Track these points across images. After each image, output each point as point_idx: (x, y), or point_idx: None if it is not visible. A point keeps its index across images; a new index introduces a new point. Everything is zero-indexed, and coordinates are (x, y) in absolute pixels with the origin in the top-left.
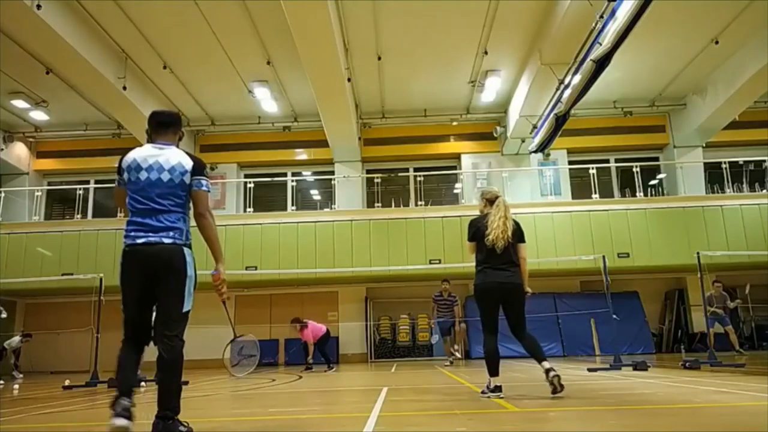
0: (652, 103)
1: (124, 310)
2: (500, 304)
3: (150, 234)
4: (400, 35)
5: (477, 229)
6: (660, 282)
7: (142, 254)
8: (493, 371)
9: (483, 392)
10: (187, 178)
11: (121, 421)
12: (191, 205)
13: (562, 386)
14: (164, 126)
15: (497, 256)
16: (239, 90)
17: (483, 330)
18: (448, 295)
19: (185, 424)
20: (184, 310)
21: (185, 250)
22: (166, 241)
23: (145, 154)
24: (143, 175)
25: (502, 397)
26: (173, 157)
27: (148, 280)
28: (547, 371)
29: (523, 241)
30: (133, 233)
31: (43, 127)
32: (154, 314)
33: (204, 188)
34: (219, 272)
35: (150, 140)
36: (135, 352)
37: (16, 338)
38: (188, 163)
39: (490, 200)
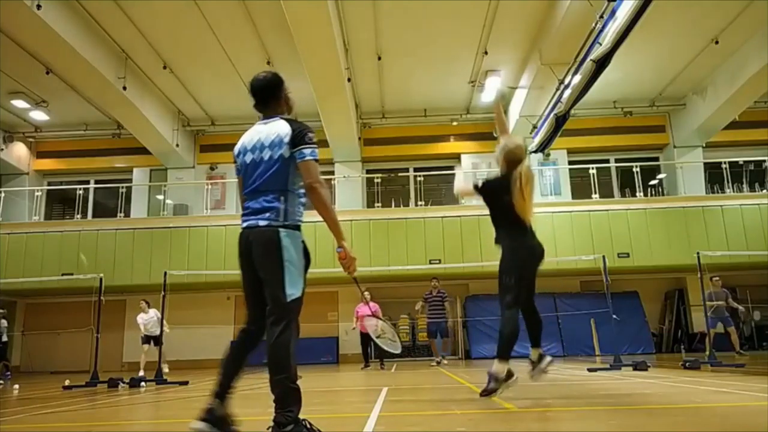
0: (652, 103)
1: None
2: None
3: (251, 216)
4: (400, 35)
5: (492, 189)
6: (660, 282)
7: (243, 238)
8: (509, 354)
9: (488, 390)
10: (286, 151)
11: (197, 425)
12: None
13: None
14: (260, 96)
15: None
16: (239, 90)
17: (511, 304)
18: (437, 292)
19: (308, 425)
20: (288, 299)
21: (281, 231)
22: (261, 223)
23: (251, 134)
24: (248, 158)
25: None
26: (273, 129)
27: (250, 264)
28: (541, 358)
29: None
30: (243, 217)
31: (43, 127)
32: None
33: (308, 157)
34: (342, 250)
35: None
36: (244, 345)
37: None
38: (286, 134)
39: (512, 161)
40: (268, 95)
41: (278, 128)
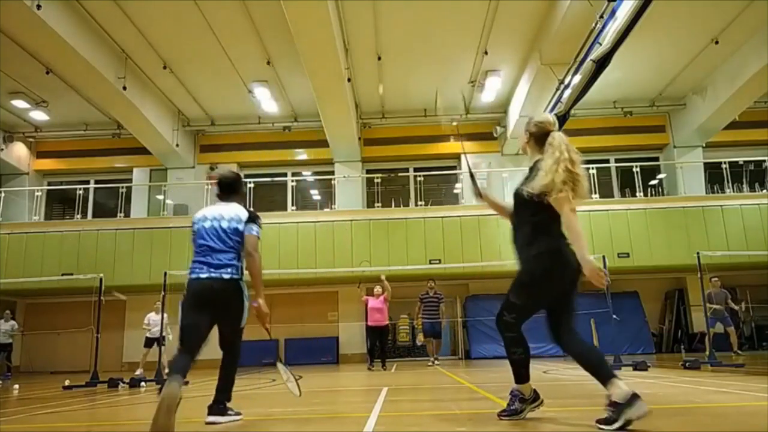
0: (652, 103)
1: (184, 330)
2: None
3: (213, 270)
4: (400, 35)
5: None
6: (660, 282)
7: (205, 287)
8: (528, 373)
9: (516, 410)
10: (241, 226)
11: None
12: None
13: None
14: (228, 190)
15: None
16: (239, 90)
17: (512, 326)
18: (434, 293)
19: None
20: (242, 326)
21: (240, 283)
22: (225, 276)
23: (212, 209)
24: (207, 224)
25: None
26: (233, 210)
27: (209, 308)
28: (633, 398)
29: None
30: (197, 269)
31: (43, 127)
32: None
33: (253, 233)
34: (258, 304)
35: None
36: (189, 360)
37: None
38: (244, 215)
39: (539, 135)
40: (234, 190)
41: (238, 210)
